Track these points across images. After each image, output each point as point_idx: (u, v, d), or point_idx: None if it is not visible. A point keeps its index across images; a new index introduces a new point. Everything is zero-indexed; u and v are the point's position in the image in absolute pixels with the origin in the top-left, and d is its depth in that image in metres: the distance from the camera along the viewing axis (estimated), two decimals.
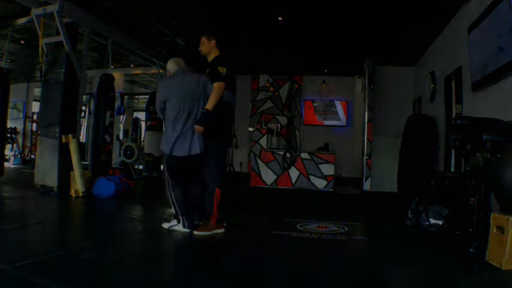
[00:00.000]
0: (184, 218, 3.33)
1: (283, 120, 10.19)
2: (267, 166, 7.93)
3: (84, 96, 4.05)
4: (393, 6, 5.42)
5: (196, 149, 3.27)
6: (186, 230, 3.32)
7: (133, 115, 12.58)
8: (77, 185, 5.08)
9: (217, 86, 3.28)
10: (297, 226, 3.76)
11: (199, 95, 3.31)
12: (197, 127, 3.21)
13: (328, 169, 7.72)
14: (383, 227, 4.06)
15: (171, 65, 3.47)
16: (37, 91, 11.42)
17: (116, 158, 8.34)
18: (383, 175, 7.64)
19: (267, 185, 7.88)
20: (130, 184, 5.60)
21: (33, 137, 11.05)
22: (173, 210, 3.38)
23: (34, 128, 11.35)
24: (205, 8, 5.96)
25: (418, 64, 8.05)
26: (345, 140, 9.86)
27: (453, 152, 5.46)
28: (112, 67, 8.10)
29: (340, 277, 2.34)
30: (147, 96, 9.12)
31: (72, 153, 5.18)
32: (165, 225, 3.45)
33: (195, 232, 3.30)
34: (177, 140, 3.24)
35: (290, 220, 4.09)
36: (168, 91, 3.30)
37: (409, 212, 4.07)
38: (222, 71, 3.35)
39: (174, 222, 3.41)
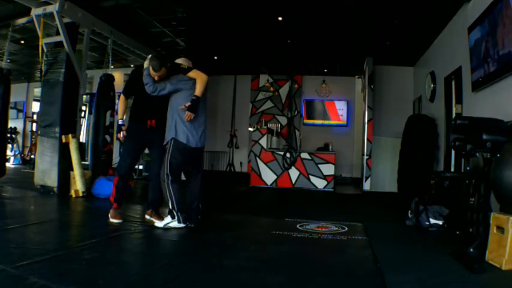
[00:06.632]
0: (179, 213, 3.40)
1: (283, 120, 10.20)
2: (267, 166, 7.93)
3: (84, 96, 4.04)
4: (393, 6, 5.43)
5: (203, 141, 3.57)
6: (182, 225, 3.40)
7: None
8: (77, 185, 5.09)
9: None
10: (297, 226, 3.76)
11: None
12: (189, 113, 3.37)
13: (328, 169, 7.72)
14: (383, 227, 4.06)
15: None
16: (37, 91, 11.42)
17: (116, 158, 8.32)
18: (383, 175, 7.64)
19: (267, 185, 7.88)
20: (130, 184, 5.58)
21: (33, 137, 11.05)
22: (170, 206, 3.42)
23: (34, 128, 11.35)
24: (205, 8, 5.97)
25: (418, 64, 8.05)
26: (345, 140, 9.87)
27: (453, 152, 5.46)
28: (112, 67, 8.09)
29: (340, 277, 2.34)
30: None
31: (72, 153, 5.18)
32: (159, 224, 3.46)
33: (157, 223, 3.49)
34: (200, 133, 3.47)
35: (290, 220, 4.09)
36: (183, 85, 3.43)
37: (409, 212, 4.07)
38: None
39: (169, 219, 3.44)
